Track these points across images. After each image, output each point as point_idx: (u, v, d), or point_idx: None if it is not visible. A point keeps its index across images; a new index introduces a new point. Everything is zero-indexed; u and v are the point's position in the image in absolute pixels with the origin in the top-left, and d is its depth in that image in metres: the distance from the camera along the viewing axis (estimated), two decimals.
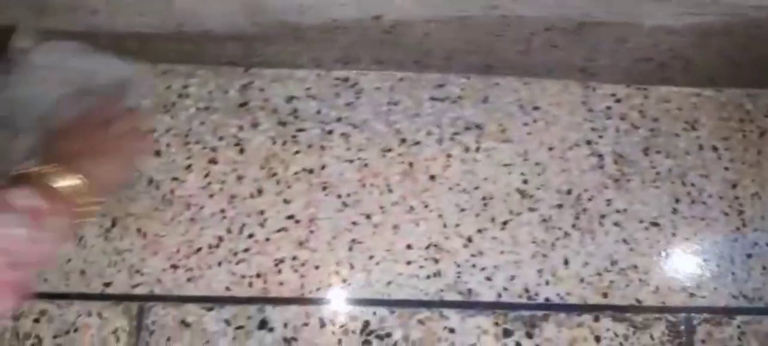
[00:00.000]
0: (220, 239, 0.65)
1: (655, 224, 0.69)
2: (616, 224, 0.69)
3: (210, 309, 0.63)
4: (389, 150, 0.69)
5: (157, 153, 0.68)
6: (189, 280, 0.64)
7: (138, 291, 0.63)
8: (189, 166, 0.68)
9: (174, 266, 0.64)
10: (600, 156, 0.71)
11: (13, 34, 0.57)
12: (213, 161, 0.68)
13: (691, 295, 0.67)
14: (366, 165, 0.69)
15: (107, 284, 0.63)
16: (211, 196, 0.67)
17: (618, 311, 0.66)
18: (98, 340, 0.62)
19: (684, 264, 0.68)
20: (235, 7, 0.54)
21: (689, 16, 0.58)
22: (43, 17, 0.56)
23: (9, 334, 0.61)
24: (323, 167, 0.68)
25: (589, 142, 0.71)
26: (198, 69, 0.69)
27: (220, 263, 0.65)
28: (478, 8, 0.53)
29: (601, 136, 0.72)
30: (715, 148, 0.72)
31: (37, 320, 0.62)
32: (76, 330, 0.62)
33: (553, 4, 0.52)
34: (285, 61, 0.67)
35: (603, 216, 0.69)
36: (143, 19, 0.55)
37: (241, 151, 0.68)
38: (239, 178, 0.68)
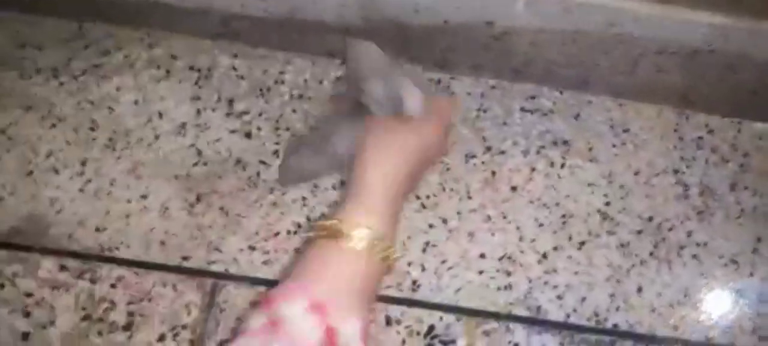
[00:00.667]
0: (299, 225, 0.66)
1: (734, 262, 0.68)
2: (694, 256, 0.67)
3: None
4: (473, 156, 0.69)
5: (248, 135, 0.69)
6: (264, 263, 0.64)
7: (214, 268, 0.64)
8: (277, 152, 0.68)
9: (251, 248, 0.65)
10: (686, 186, 0.70)
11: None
12: None
13: (761, 338, 0.66)
14: (448, 169, 0.68)
15: (185, 258, 0.64)
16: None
17: None
18: (170, 312, 0.62)
19: (757, 306, 0.66)
20: (351, 3, 0.54)
21: None
22: None
23: (85, 295, 0.62)
24: None
25: (676, 171, 0.70)
26: (296, 57, 0.70)
27: (296, 250, 0.65)
28: (595, 24, 0.52)
29: (689, 166, 0.70)
30: None
31: (113, 286, 0.63)
32: (150, 299, 0.62)
33: (675, 27, 0.51)
34: None
35: (682, 247, 0.67)
36: (259, 3, 0.55)
37: None
38: None
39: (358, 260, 0.44)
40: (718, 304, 0.66)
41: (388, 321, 0.63)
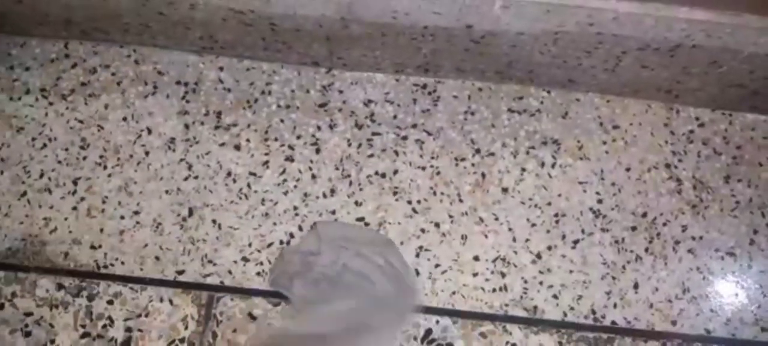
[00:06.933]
0: (292, 235, 0.66)
1: (731, 254, 0.67)
2: (690, 251, 0.67)
3: (276, 304, 0.64)
4: (462, 159, 0.69)
5: (237, 147, 0.69)
6: (258, 274, 0.65)
7: (209, 281, 0.64)
8: (266, 163, 0.69)
9: (245, 259, 0.65)
10: (678, 180, 0.69)
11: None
12: (290, 159, 0.69)
13: (763, 329, 0.65)
14: (438, 173, 0.68)
15: (180, 272, 0.65)
16: (286, 193, 0.67)
17: (686, 341, 0.64)
18: (167, 326, 0.63)
19: (758, 297, 0.66)
20: (329, 7, 0.54)
21: None
22: (147, 6, 0.57)
23: (83, 312, 0.63)
24: (396, 172, 0.68)
25: (668, 166, 0.70)
26: (282, 67, 0.70)
27: None
28: (575, 24, 0.52)
29: (681, 161, 0.70)
30: None
31: (110, 302, 0.63)
32: (147, 315, 0.63)
33: (654, 24, 0.51)
34: (367, 65, 0.68)
35: (677, 242, 0.67)
36: (237, 15, 0.56)
37: (318, 150, 0.69)
38: (314, 177, 0.68)
39: None
40: (716, 297, 0.65)
41: None
